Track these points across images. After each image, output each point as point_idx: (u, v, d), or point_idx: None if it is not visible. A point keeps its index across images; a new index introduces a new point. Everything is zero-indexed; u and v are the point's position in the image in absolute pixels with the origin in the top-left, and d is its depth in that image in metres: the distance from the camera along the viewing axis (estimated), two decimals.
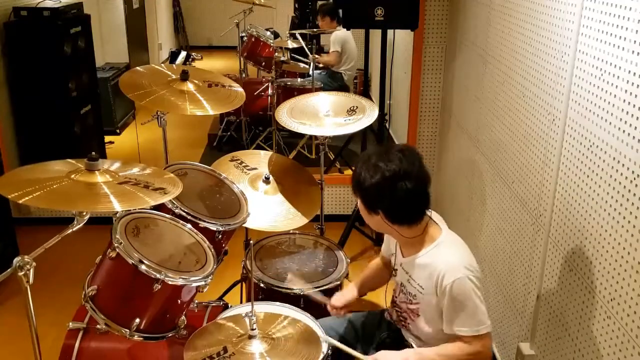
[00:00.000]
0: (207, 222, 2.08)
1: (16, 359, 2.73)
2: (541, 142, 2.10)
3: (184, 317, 1.88)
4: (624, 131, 1.54)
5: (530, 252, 2.20)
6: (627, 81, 1.53)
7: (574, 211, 1.84)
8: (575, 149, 1.84)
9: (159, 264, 1.75)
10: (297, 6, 7.58)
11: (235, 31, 5.26)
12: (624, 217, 1.54)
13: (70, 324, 1.98)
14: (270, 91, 4.92)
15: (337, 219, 3.85)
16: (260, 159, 2.72)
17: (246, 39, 5.08)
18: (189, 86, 2.39)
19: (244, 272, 2.57)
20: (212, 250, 1.98)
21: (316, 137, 4.01)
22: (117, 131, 5.60)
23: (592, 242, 1.72)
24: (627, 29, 1.54)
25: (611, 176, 1.61)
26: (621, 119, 1.56)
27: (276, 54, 4.95)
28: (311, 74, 4.52)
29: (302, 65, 5.24)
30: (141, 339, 1.77)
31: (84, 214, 1.56)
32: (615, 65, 1.60)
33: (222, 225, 2.12)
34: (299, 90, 4.69)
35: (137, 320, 1.74)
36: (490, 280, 2.68)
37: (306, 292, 2.25)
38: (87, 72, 4.67)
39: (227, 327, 1.77)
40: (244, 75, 5.40)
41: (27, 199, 1.47)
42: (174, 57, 8.42)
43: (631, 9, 1.52)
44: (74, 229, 1.57)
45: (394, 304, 2.00)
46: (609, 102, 1.63)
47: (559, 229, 1.96)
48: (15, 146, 4.05)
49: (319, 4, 5.70)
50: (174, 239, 1.97)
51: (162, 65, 2.71)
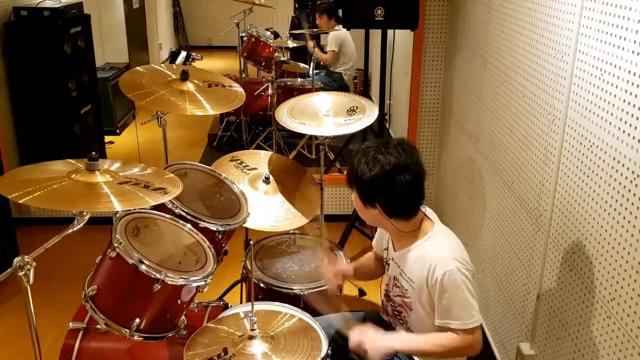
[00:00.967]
0: (207, 222, 2.08)
1: (16, 359, 2.73)
2: (541, 142, 2.10)
3: (184, 317, 1.88)
4: (624, 131, 1.54)
5: (530, 252, 2.20)
6: (627, 81, 1.53)
7: (574, 211, 1.84)
8: (575, 149, 1.84)
9: (159, 264, 1.76)
10: (297, 6, 7.58)
11: (235, 31, 5.26)
12: (624, 217, 1.54)
13: (70, 324, 1.98)
14: (270, 91, 4.91)
15: (337, 219, 3.85)
16: (260, 159, 2.72)
17: (246, 39, 5.08)
18: (189, 86, 2.39)
19: (244, 272, 2.57)
20: (212, 250, 1.98)
21: (316, 137, 4.01)
22: (117, 131, 5.60)
23: (592, 242, 1.72)
24: (627, 29, 1.54)
25: (611, 176, 1.61)
26: (621, 119, 1.56)
27: (276, 54, 4.95)
28: (311, 74, 4.51)
29: (302, 65, 5.24)
30: (141, 339, 1.77)
31: (84, 214, 1.56)
32: (615, 65, 1.60)
33: (222, 225, 2.12)
34: (299, 90, 4.69)
35: (137, 320, 1.74)
36: (490, 280, 2.68)
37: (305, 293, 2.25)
38: (87, 72, 4.67)
39: (227, 327, 1.78)
40: (244, 75, 5.40)
41: (28, 198, 1.47)
42: (174, 57, 8.40)
43: (631, 9, 1.52)
44: (74, 229, 1.57)
45: (388, 298, 2.00)
46: (609, 102, 1.63)
47: (559, 229, 1.96)
48: (15, 146, 4.05)
49: (318, 3, 5.69)
50: (174, 239, 1.97)
51: (162, 65, 2.71)
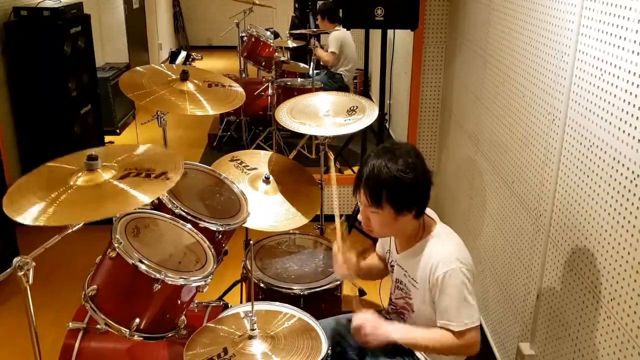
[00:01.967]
0: (207, 222, 2.08)
1: (16, 359, 2.73)
2: (541, 142, 2.10)
3: (184, 317, 1.88)
4: (624, 131, 1.54)
5: (530, 252, 2.20)
6: (627, 81, 1.53)
7: (574, 211, 1.84)
8: (575, 149, 1.84)
9: (159, 264, 1.75)
10: (297, 6, 7.57)
11: (235, 31, 5.26)
12: (624, 217, 1.54)
13: (70, 324, 1.98)
14: (270, 91, 4.91)
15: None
16: (260, 159, 2.72)
17: (246, 39, 5.08)
18: (189, 86, 2.38)
19: (244, 272, 2.57)
20: (212, 250, 1.98)
21: (316, 137, 4.01)
22: (117, 131, 5.60)
23: (592, 242, 1.72)
24: (627, 29, 1.54)
25: (611, 176, 1.61)
26: (621, 119, 1.56)
27: (276, 54, 4.95)
28: (311, 74, 4.51)
29: (302, 65, 5.23)
30: (141, 339, 1.77)
31: None
32: (615, 65, 1.60)
33: (222, 225, 2.12)
34: (299, 90, 4.69)
35: (137, 320, 1.74)
36: (490, 280, 2.68)
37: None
38: (87, 72, 4.68)
39: (227, 327, 1.78)
40: (244, 75, 5.40)
41: (44, 219, 1.45)
42: (174, 57, 8.40)
43: (631, 9, 1.52)
44: (74, 229, 1.57)
45: (391, 302, 2.01)
46: (609, 102, 1.63)
47: (559, 229, 1.96)
48: (15, 146, 4.06)
49: (319, 4, 5.69)
50: (174, 239, 1.97)
51: (162, 65, 2.71)
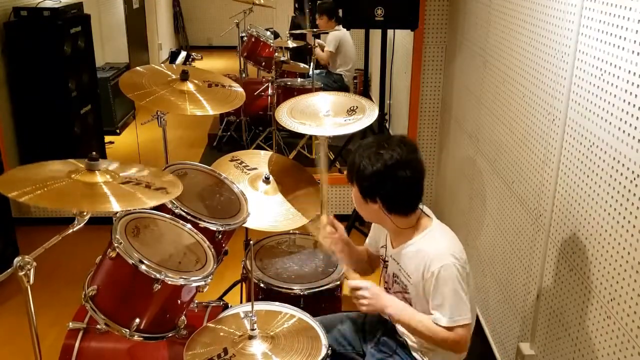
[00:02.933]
0: (207, 222, 2.08)
1: (16, 359, 2.73)
2: (541, 142, 2.10)
3: (184, 317, 1.88)
4: (624, 131, 1.54)
5: (530, 252, 2.20)
6: (627, 81, 1.53)
7: (574, 211, 1.84)
8: (575, 149, 1.84)
9: (159, 264, 1.75)
10: (297, 6, 7.57)
11: (235, 31, 5.25)
12: (624, 217, 1.54)
13: (70, 324, 1.98)
14: (270, 91, 4.91)
15: (337, 219, 3.83)
16: (260, 159, 2.72)
17: (246, 39, 5.08)
18: (189, 86, 2.38)
19: (244, 272, 2.57)
20: (212, 250, 1.98)
21: (316, 137, 4.01)
22: (117, 131, 5.60)
23: (592, 242, 1.72)
24: (627, 29, 1.54)
25: (611, 176, 1.61)
26: (621, 119, 1.56)
27: (276, 54, 4.95)
28: (311, 74, 4.51)
29: (302, 65, 5.23)
30: (141, 339, 1.77)
31: (84, 214, 1.56)
32: (615, 65, 1.60)
33: (222, 225, 2.12)
34: (299, 90, 4.69)
35: (137, 320, 1.74)
36: (490, 280, 2.68)
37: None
38: (87, 72, 4.67)
39: (227, 327, 1.78)
40: (244, 75, 5.40)
41: (28, 197, 1.47)
42: (174, 57, 8.40)
43: (631, 9, 1.52)
44: (74, 229, 1.57)
45: None
46: (609, 102, 1.63)
47: (559, 229, 1.96)
48: (15, 146, 4.05)
49: (318, 3, 5.69)
50: (174, 239, 1.97)
51: (162, 65, 2.71)
